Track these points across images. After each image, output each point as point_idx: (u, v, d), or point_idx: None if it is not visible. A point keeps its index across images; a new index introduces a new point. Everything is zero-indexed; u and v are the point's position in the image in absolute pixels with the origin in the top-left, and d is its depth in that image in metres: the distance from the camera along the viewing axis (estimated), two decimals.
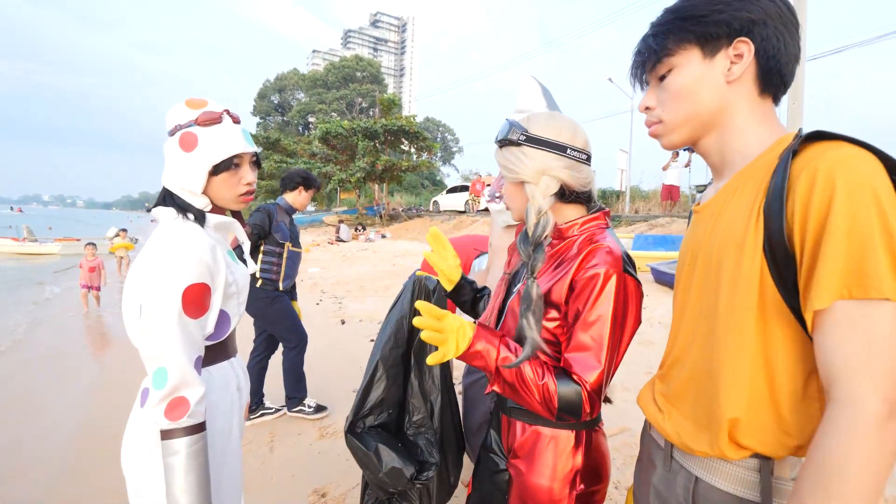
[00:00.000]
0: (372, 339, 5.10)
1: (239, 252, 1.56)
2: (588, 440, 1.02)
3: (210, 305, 1.11)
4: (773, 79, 0.76)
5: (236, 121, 1.20)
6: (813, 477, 0.59)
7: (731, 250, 0.72)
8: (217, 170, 1.14)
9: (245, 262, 1.32)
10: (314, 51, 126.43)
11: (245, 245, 1.33)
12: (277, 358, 3.27)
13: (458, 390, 1.71)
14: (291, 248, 3.09)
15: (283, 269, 3.06)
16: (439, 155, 55.94)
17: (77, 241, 17.36)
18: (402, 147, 24.03)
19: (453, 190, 22.57)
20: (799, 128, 0.73)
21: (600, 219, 1.05)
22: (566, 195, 1.03)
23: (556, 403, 0.90)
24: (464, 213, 19.62)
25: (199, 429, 1.02)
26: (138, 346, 1.05)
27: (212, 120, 1.13)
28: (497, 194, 1.72)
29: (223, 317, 1.16)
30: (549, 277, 1.01)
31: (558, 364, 0.96)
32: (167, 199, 1.16)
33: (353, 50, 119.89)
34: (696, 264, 0.80)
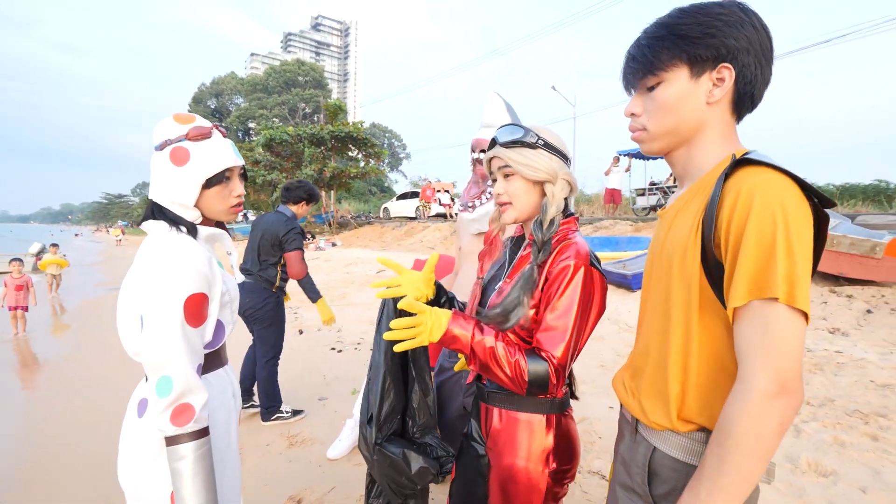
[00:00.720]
0: (332, 348, 5.08)
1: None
2: (558, 423, 1.14)
3: (208, 315, 1.15)
4: (745, 102, 0.84)
5: (224, 135, 1.24)
6: (715, 437, 0.72)
7: (677, 253, 0.82)
8: (210, 183, 1.18)
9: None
10: (252, 54, 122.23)
11: (233, 255, 1.37)
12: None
13: None
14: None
15: (283, 275, 3.30)
16: (387, 161, 55.66)
17: None
18: (350, 154, 23.75)
19: (403, 196, 22.54)
20: (732, 153, 0.82)
21: (572, 223, 1.18)
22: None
23: (527, 377, 1.02)
24: (414, 219, 19.65)
25: (203, 433, 1.06)
26: (140, 356, 1.07)
27: (202, 135, 1.17)
28: (469, 204, 1.81)
29: (219, 325, 1.20)
30: (518, 270, 1.14)
31: (529, 347, 1.08)
32: (156, 212, 1.18)
33: (293, 54, 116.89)
34: (655, 261, 0.92)
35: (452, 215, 17.57)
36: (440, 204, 18.73)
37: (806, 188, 0.73)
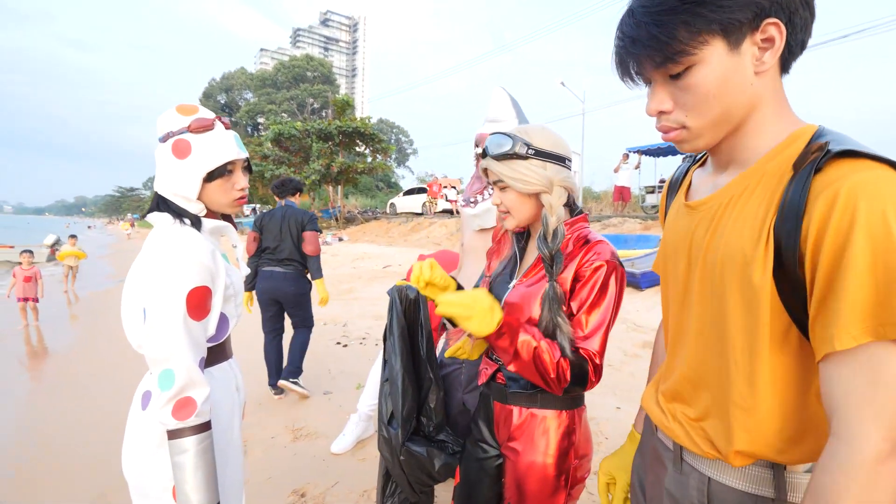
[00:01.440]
0: (338, 343, 5.09)
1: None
2: (578, 419, 1.14)
3: (211, 308, 1.14)
4: (796, 52, 0.67)
5: (227, 127, 1.22)
6: None
7: (736, 267, 0.66)
8: (211, 176, 1.17)
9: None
10: (262, 49, 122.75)
11: (239, 248, 1.35)
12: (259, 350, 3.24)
13: None
14: None
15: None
16: (394, 157, 55.74)
17: (10, 247, 16.00)
18: (358, 149, 23.78)
19: (410, 192, 22.54)
20: (823, 138, 0.63)
21: (584, 220, 1.16)
22: (567, 201, 1.14)
23: (569, 376, 1.01)
24: (421, 214, 19.66)
25: (205, 427, 1.05)
26: (143, 349, 1.07)
27: (204, 127, 1.15)
28: (472, 199, 1.78)
29: (223, 319, 1.19)
30: (533, 274, 1.13)
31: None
32: (161, 204, 1.17)
33: (302, 49, 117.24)
34: (695, 269, 0.75)
35: (458, 211, 17.52)
36: (447, 200, 18.71)
37: None
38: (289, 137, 22.18)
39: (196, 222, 1.17)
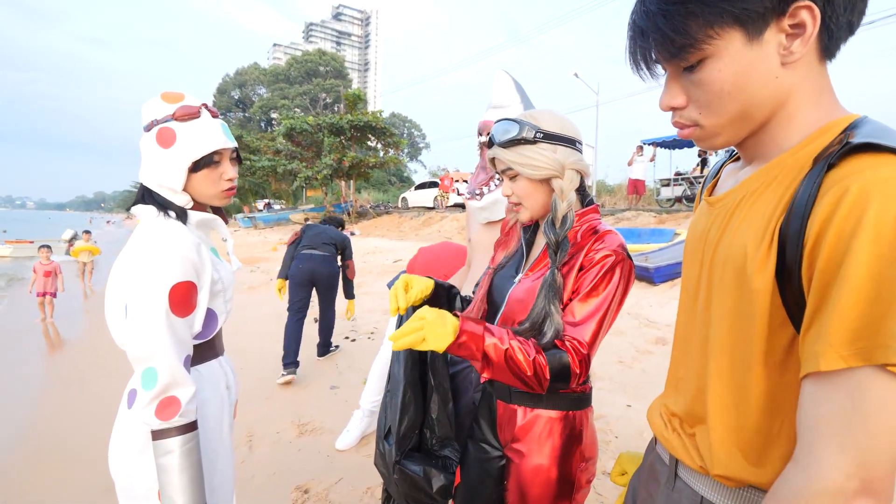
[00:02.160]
0: (346, 337, 5.07)
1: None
2: (585, 421, 1.09)
3: (197, 304, 1.10)
4: (842, 35, 0.57)
5: (215, 115, 1.18)
6: None
7: (736, 269, 0.60)
8: (197, 166, 1.13)
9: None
10: (275, 44, 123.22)
11: (229, 242, 1.31)
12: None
13: None
14: None
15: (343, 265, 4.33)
16: (406, 151, 55.67)
17: (30, 243, 16.34)
18: (369, 143, 23.77)
19: (422, 186, 22.48)
20: (855, 129, 0.54)
21: (595, 212, 1.10)
22: (580, 187, 1.08)
23: (548, 374, 0.95)
24: (433, 209, 19.61)
25: (191, 427, 1.02)
26: (125, 347, 1.03)
27: (189, 115, 1.11)
28: (477, 192, 1.71)
29: (210, 315, 1.15)
30: (541, 268, 1.07)
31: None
32: (146, 196, 1.14)
33: (315, 44, 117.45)
34: (704, 270, 0.69)
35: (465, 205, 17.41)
36: (458, 194, 18.61)
37: None
38: (301, 132, 22.24)
39: (181, 215, 1.13)
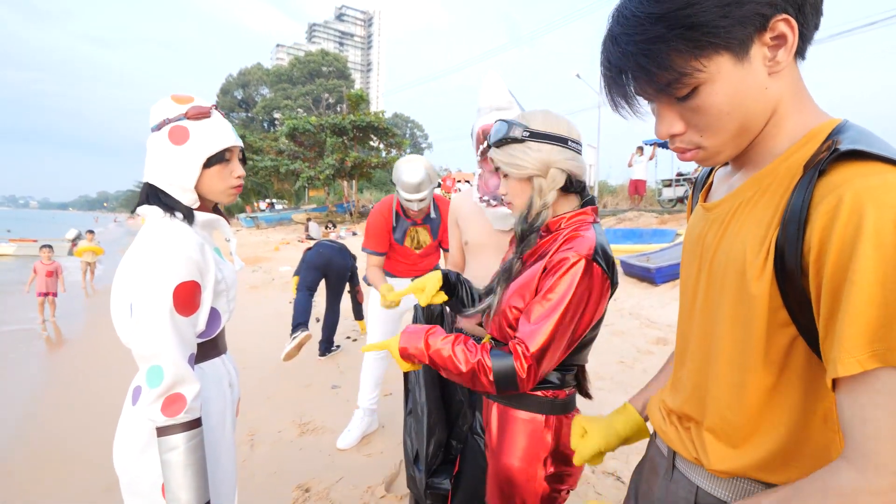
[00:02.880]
0: (348, 337, 5.09)
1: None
2: (559, 425, 1.08)
3: (200, 303, 1.11)
4: (811, 36, 0.60)
5: (223, 116, 1.20)
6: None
7: (736, 275, 0.62)
8: (210, 162, 1.15)
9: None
10: (278, 45, 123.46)
11: (232, 242, 1.33)
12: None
13: None
14: None
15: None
16: (408, 151, 55.76)
17: (34, 241, 16.35)
18: (372, 143, 23.83)
19: None
20: (839, 135, 0.56)
21: (588, 213, 1.09)
22: (568, 185, 1.08)
23: (492, 376, 0.97)
24: None
25: (195, 424, 1.03)
26: (130, 345, 1.05)
27: (202, 114, 1.14)
28: (494, 200, 1.58)
29: (214, 314, 1.17)
30: (527, 267, 1.08)
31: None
32: (151, 196, 1.15)
33: (318, 44, 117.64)
34: (703, 274, 0.70)
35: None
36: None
37: None
38: (303, 132, 22.31)
39: (188, 215, 1.15)
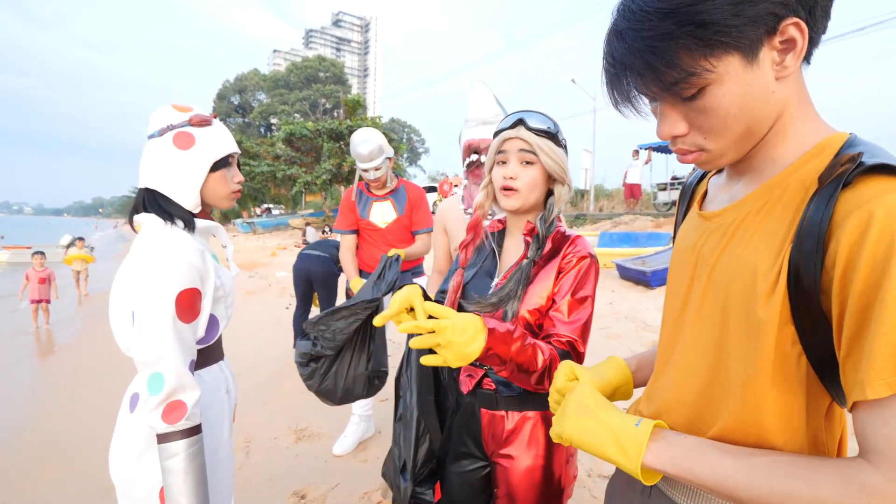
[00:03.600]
0: None
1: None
2: None
3: (200, 310, 1.12)
4: (818, 41, 0.58)
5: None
6: (790, 461, 0.53)
7: (745, 290, 0.59)
8: (215, 166, 1.18)
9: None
10: (275, 51, 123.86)
11: (229, 248, 1.34)
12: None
13: None
14: None
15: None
16: (406, 156, 55.80)
17: (27, 248, 16.29)
18: None
19: None
20: (854, 149, 0.55)
21: (559, 220, 1.20)
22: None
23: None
24: (432, 213, 19.64)
25: (195, 431, 1.04)
26: (132, 352, 1.05)
27: (204, 121, 1.17)
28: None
29: (212, 321, 1.18)
30: (538, 268, 1.11)
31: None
32: (149, 203, 1.15)
33: (315, 50, 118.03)
34: (698, 285, 0.67)
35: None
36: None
37: None
38: (300, 137, 22.35)
39: (188, 223, 1.16)
